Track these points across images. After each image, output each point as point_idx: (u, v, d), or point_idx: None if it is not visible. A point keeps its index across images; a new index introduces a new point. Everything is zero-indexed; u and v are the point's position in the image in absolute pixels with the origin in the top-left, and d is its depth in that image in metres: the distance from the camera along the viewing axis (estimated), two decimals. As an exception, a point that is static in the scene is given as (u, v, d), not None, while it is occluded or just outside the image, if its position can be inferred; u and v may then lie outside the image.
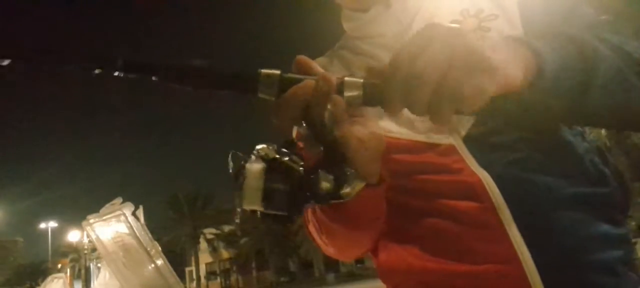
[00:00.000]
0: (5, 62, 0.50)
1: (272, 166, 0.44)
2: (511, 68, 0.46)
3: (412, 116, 0.46)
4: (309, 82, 0.44)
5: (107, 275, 3.64)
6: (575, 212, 0.61)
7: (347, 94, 0.44)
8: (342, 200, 0.49)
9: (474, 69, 0.43)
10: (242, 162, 0.45)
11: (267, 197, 0.45)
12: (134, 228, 3.36)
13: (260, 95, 0.45)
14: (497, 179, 0.61)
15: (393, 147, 0.55)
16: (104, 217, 3.43)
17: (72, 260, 46.66)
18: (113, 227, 3.42)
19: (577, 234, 0.60)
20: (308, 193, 0.46)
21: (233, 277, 43.31)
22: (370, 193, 0.53)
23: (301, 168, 0.45)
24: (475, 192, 0.62)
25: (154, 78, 0.45)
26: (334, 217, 0.58)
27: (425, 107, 0.43)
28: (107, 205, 3.47)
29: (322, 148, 0.46)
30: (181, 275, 41.95)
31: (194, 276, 41.24)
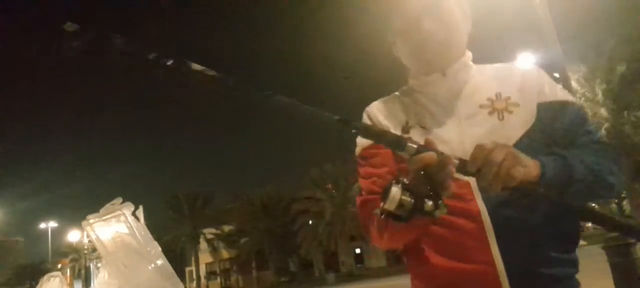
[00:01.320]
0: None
1: (405, 188, 0.76)
2: (532, 168, 0.82)
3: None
4: (433, 154, 0.75)
5: (107, 275, 3.63)
6: (540, 240, 0.92)
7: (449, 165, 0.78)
8: (435, 216, 0.78)
9: (514, 164, 0.78)
10: (390, 184, 0.78)
11: (400, 205, 0.76)
12: (134, 228, 3.35)
13: (402, 154, 0.78)
14: (491, 211, 0.92)
15: None
16: (104, 217, 3.41)
17: (72, 260, 46.68)
18: (113, 227, 3.41)
19: (538, 254, 0.92)
20: (422, 210, 0.77)
21: (233, 277, 43.27)
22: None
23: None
24: (474, 216, 0.93)
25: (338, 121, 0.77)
26: (407, 225, 0.83)
27: (490, 181, 0.77)
28: (107, 205, 3.45)
29: (429, 186, 0.77)
30: (181, 275, 41.90)
31: (194, 276, 41.21)
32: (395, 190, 0.76)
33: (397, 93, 1.15)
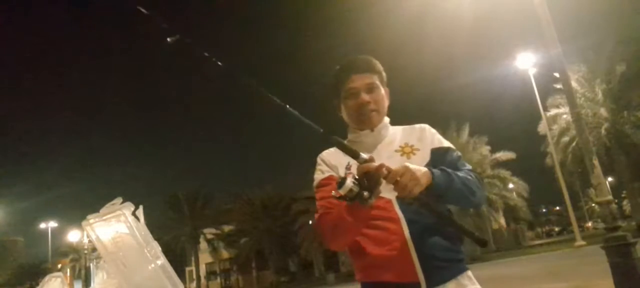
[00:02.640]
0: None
1: (354, 182, 1.20)
2: (424, 180, 1.29)
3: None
4: (373, 164, 1.21)
5: (106, 274, 3.63)
6: (436, 236, 1.41)
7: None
8: (369, 204, 1.23)
9: (416, 185, 1.25)
10: (345, 177, 1.22)
11: (350, 191, 1.19)
12: (134, 228, 3.35)
13: (359, 161, 1.24)
14: (406, 217, 1.41)
15: None
16: (104, 217, 3.41)
17: (72, 260, 46.65)
18: (113, 227, 3.40)
19: (435, 244, 1.41)
20: (361, 197, 1.21)
21: (233, 277, 43.27)
22: (372, 207, 1.28)
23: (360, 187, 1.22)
24: (395, 220, 1.42)
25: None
26: (356, 215, 1.31)
27: (400, 192, 1.26)
28: (107, 205, 3.45)
29: (367, 183, 1.22)
30: (181, 275, 41.88)
31: (194, 276, 41.18)
32: (349, 182, 1.20)
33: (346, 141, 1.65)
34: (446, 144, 1.60)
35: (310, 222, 33.21)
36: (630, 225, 22.08)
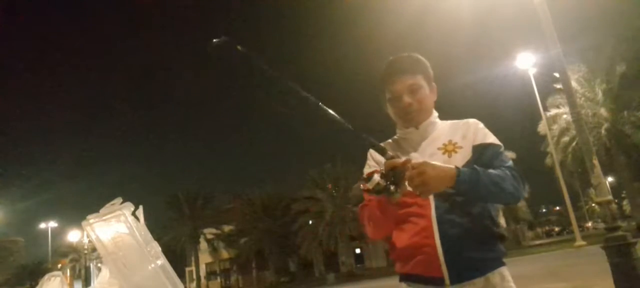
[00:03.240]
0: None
1: (381, 177, 1.29)
2: (449, 176, 1.35)
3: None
4: (401, 160, 1.30)
5: (107, 274, 3.63)
6: (468, 232, 1.46)
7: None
8: (396, 197, 1.30)
9: (438, 175, 1.33)
10: (374, 172, 1.34)
11: (377, 184, 1.28)
12: (134, 228, 3.35)
13: (386, 158, 1.32)
14: (439, 213, 1.47)
15: None
16: (104, 217, 3.41)
17: (72, 260, 46.67)
18: (113, 227, 3.40)
19: (464, 241, 1.45)
20: (388, 190, 1.28)
21: (233, 277, 43.27)
22: (399, 202, 1.38)
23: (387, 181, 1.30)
24: (428, 217, 1.49)
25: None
26: (385, 211, 1.45)
27: (417, 187, 1.33)
28: (107, 205, 3.44)
29: (393, 178, 1.29)
30: (181, 275, 41.89)
31: (194, 276, 41.14)
32: (376, 177, 1.29)
33: (389, 140, 1.75)
34: (490, 139, 1.60)
35: (311, 222, 33.23)
36: (630, 225, 22.07)
